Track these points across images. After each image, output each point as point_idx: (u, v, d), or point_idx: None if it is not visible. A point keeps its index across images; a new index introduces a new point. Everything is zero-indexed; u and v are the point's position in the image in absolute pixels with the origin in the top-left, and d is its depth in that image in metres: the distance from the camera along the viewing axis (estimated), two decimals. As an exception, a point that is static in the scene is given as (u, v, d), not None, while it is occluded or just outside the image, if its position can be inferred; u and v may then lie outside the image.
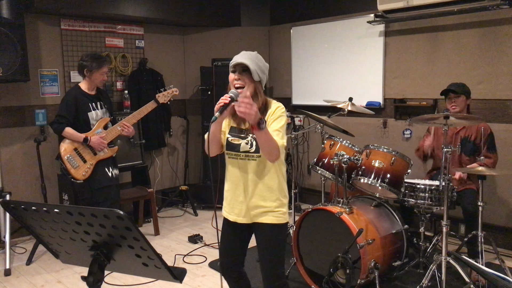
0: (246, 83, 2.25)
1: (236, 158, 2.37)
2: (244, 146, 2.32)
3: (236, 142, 2.35)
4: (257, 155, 2.31)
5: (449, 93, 3.68)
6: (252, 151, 2.31)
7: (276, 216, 2.35)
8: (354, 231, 3.04)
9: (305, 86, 5.62)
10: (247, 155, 2.33)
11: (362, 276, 3.06)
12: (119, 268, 1.62)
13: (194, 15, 5.52)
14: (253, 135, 2.29)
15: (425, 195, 3.36)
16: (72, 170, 3.64)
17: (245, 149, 2.32)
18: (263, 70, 2.31)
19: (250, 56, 2.27)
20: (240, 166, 2.37)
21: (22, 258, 4.07)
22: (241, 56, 2.28)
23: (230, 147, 2.37)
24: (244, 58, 2.25)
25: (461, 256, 2.13)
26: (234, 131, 2.38)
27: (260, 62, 2.29)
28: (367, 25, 4.84)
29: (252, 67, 2.22)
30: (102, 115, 3.81)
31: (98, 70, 3.68)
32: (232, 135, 2.37)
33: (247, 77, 2.25)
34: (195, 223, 5.10)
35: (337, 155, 3.37)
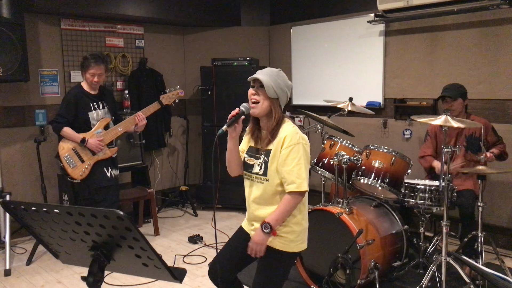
0: (261, 99, 2.21)
1: (249, 179, 2.34)
2: (256, 167, 2.28)
3: (250, 163, 2.31)
4: (264, 178, 2.25)
5: (446, 97, 3.68)
6: (261, 174, 2.26)
7: (281, 242, 2.25)
8: (354, 232, 3.04)
9: (305, 86, 5.62)
10: (257, 177, 2.28)
11: (362, 276, 3.06)
12: (119, 268, 1.62)
13: (194, 15, 5.52)
14: (264, 157, 2.25)
15: (425, 195, 3.36)
16: (69, 169, 3.64)
17: (256, 171, 2.28)
18: (282, 88, 2.22)
19: (269, 73, 2.22)
20: (252, 187, 2.32)
21: (22, 258, 4.07)
22: (261, 71, 2.24)
23: (245, 167, 2.35)
24: (262, 74, 2.21)
25: (461, 256, 2.13)
26: (251, 150, 2.34)
27: (279, 79, 2.22)
28: (367, 25, 4.84)
29: (267, 83, 2.17)
30: (103, 115, 3.80)
31: (87, 70, 3.67)
32: (248, 155, 2.34)
33: (262, 93, 2.20)
34: (195, 224, 5.10)
35: (337, 156, 3.37)
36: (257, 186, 2.28)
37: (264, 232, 2.16)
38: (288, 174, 2.16)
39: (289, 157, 2.16)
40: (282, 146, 2.18)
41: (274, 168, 2.21)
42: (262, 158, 2.25)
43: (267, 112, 2.22)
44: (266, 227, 2.15)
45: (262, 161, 2.25)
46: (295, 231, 2.26)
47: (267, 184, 2.24)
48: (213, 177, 2.25)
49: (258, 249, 2.20)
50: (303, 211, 2.30)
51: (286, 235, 2.24)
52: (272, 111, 2.22)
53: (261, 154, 2.26)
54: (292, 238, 2.25)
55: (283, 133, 2.22)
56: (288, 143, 2.17)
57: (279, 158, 2.19)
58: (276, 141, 2.23)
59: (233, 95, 5.30)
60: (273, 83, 2.19)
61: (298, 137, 2.20)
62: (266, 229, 2.16)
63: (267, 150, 2.25)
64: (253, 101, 2.22)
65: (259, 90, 2.21)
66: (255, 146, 2.32)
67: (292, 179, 2.15)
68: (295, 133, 2.21)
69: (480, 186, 3.23)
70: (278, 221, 2.17)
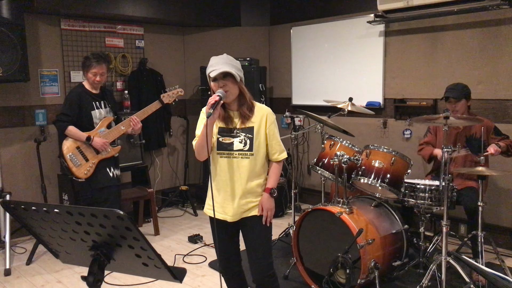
0: (231, 87, 2.35)
1: (229, 157, 2.42)
2: (238, 145, 2.40)
3: (228, 141, 2.42)
4: (250, 153, 2.40)
5: (449, 98, 3.66)
6: (246, 149, 2.40)
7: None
8: (354, 231, 3.04)
9: (305, 86, 5.62)
10: (240, 153, 2.41)
11: (362, 276, 3.06)
12: (119, 268, 1.62)
13: (194, 15, 5.52)
14: (246, 134, 2.40)
15: (425, 195, 3.36)
16: (74, 169, 3.64)
17: (239, 148, 2.40)
18: (239, 68, 2.41)
19: (224, 61, 2.36)
20: (232, 165, 2.42)
21: (22, 258, 4.07)
22: (217, 65, 2.36)
23: (222, 147, 2.43)
24: (223, 66, 2.33)
25: (461, 256, 2.13)
26: (223, 131, 2.45)
27: (233, 62, 2.41)
28: (367, 25, 4.84)
29: (233, 71, 2.32)
30: (105, 114, 3.81)
31: (88, 70, 3.68)
32: (222, 135, 2.44)
33: (230, 82, 2.35)
34: (195, 223, 5.10)
35: (337, 155, 3.37)
36: (241, 162, 2.41)
37: (273, 196, 2.45)
38: (278, 145, 2.47)
39: (275, 132, 2.47)
40: (267, 123, 2.42)
41: (258, 143, 2.41)
42: (244, 135, 2.40)
43: (238, 95, 2.41)
44: (274, 192, 2.45)
45: (244, 138, 2.40)
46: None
47: (252, 158, 2.41)
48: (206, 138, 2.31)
49: (271, 214, 2.45)
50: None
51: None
52: (242, 92, 2.41)
53: (239, 133, 2.40)
54: None
55: (263, 110, 2.45)
56: (270, 120, 2.44)
57: (268, 133, 2.43)
58: (256, 118, 2.42)
59: (233, 95, 5.29)
60: (235, 69, 2.36)
61: (273, 113, 2.50)
62: (274, 194, 2.45)
63: (247, 127, 2.40)
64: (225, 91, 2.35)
65: (224, 80, 2.35)
66: (226, 126, 2.45)
67: (282, 149, 2.49)
68: (270, 110, 2.50)
69: (480, 186, 3.23)
70: (275, 186, 2.48)
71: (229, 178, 2.44)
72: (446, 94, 3.64)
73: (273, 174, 2.48)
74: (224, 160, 2.43)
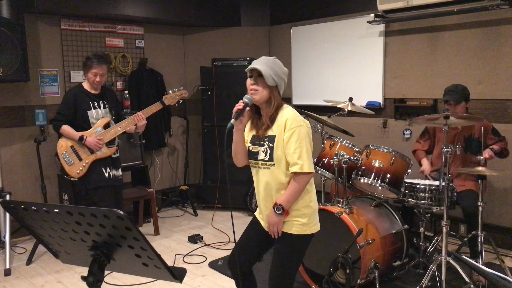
0: (260, 88, 2.26)
1: (255, 167, 2.39)
2: (261, 154, 2.33)
3: (255, 150, 2.36)
4: (270, 163, 2.30)
5: (449, 100, 3.65)
6: (266, 159, 2.31)
7: (296, 225, 2.32)
8: (354, 231, 3.04)
9: (305, 86, 5.62)
10: (263, 163, 2.34)
11: (362, 276, 3.06)
12: (119, 268, 1.62)
13: (194, 15, 5.52)
14: (268, 142, 2.30)
15: (425, 195, 3.36)
16: (67, 167, 3.64)
17: (261, 157, 2.33)
18: (279, 75, 2.29)
19: (265, 61, 2.28)
20: (260, 174, 2.37)
21: (22, 258, 4.07)
22: (257, 61, 2.29)
23: (251, 156, 2.39)
24: (259, 64, 2.26)
25: (461, 256, 2.13)
26: (254, 139, 2.39)
27: (276, 66, 2.29)
28: (367, 25, 4.84)
29: (265, 72, 2.23)
30: (103, 115, 3.79)
31: (89, 70, 3.66)
32: (252, 144, 2.38)
33: (262, 82, 2.26)
34: (195, 223, 5.10)
35: (337, 155, 3.37)
36: (264, 172, 2.33)
37: (277, 213, 2.26)
38: (291, 156, 2.24)
39: (291, 140, 2.23)
40: (285, 129, 2.25)
41: (280, 153, 2.27)
42: (266, 145, 2.30)
43: (266, 99, 2.29)
44: (278, 209, 2.26)
45: (267, 147, 2.30)
46: (306, 214, 2.33)
47: (274, 169, 2.30)
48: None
49: (274, 230, 2.30)
50: (310, 193, 2.38)
51: (298, 219, 2.32)
52: (271, 99, 2.28)
53: (264, 141, 2.31)
54: (304, 221, 2.32)
55: (284, 117, 2.28)
56: (289, 126, 2.24)
57: (284, 142, 2.26)
58: (276, 126, 2.29)
59: (233, 95, 5.30)
60: (271, 71, 2.25)
61: (299, 119, 2.27)
62: (278, 211, 2.26)
63: (269, 136, 2.31)
64: (252, 90, 2.27)
65: (257, 79, 2.26)
66: (257, 134, 2.37)
67: (294, 160, 2.23)
68: (296, 116, 2.28)
69: (480, 186, 3.23)
70: (288, 202, 2.26)
71: (258, 188, 2.40)
72: (446, 97, 3.62)
73: (287, 189, 2.27)
74: (253, 169, 2.41)
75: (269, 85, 2.25)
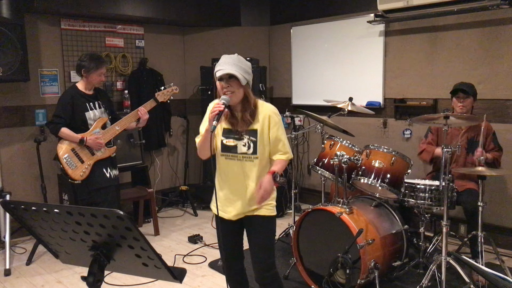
0: (235, 89, 2.31)
1: (234, 159, 2.42)
2: (241, 147, 2.39)
3: (231, 144, 2.41)
4: (254, 156, 2.39)
5: (459, 92, 3.66)
6: (250, 153, 2.39)
7: (267, 208, 2.47)
8: (354, 231, 3.04)
9: (305, 86, 5.62)
10: (244, 156, 2.40)
11: (362, 276, 3.06)
12: (119, 268, 1.62)
13: (194, 15, 5.52)
14: (249, 136, 2.38)
15: (425, 195, 3.36)
16: (70, 171, 3.63)
17: (243, 151, 2.39)
18: (248, 71, 2.36)
19: (233, 62, 2.31)
20: (237, 166, 2.42)
21: (22, 258, 4.07)
22: (224, 64, 2.31)
23: (226, 149, 2.43)
24: (229, 67, 2.29)
25: (461, 256, 2.13)
26: (228, 133, 2.43)
27: (243, 64, 2.34)
28: (367, 25, 4.84)
29: (238, 74, 2.27)
30: (100, 115, 3.79)
31: (96, 70, 3.66)
32: (226, 137, 2.43)
33: (235, 83, 2.31)
34: (195, 223, 5.10)
35: (337, 155, 3.37)
36: (243, 165, 2.41)
37: (275, 180, 2.37)
38: (282, 146, 2.42)
39: (279, 133, 2.41)
40: (270, 125, 2.39)
41: (263, 146, 2.39)
42: (247, 138, 2.39)
43: (243, 98, 2.36)
44: (276, 176, 2.37)
45: (248, 141, 2.39)
46: (274, 197, 2.52)
47: (257, 161, 2.40)
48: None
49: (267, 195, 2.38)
50: None
51: (271, 201, 2.49)
52: (247, 96, 2.37)
53: (243, 135, 2.39)
54: (274, 203, 2.52)
55: (265, 111, 2.40)
56: (274, 121, 2.40)
57: (271, 137, 2.40)
58: (260, 119, 2.39)
59: (233, 95, 5.29)
60: (242, 71, 2.30)
61: (277, 112, 2.45)
62: (276, 178, 2.38)
63: (250, 130, 2.38)
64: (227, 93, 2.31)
65: (229, 81, 2.31)
66: (233, 128, 2.42)
67: (286, 150, 2.44)
68: (274, 109, 2.44)
69: (480, 186, 3.23)
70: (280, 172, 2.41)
71: (234, 179, 2.44)
72: (458, 86, 3.65)
73: (277, 163, 2.42)
74: (229, 161, 2.43)
75: (243, 84, 2.32)
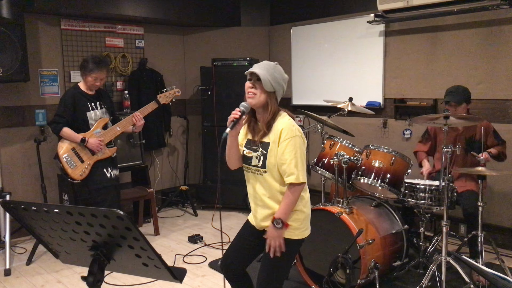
0: (258, 92, 2.25)
1: (248, 171, 2.39)
2: (254, 160, 2.33)
3: (249, 155, 2.36)
4: (263, 170, 2.30)
5: (450, 102, 3.64)
6: (259, 166, 2.31)
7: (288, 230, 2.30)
8: (354, 231, 3.04)
9: (305, 86, 5.62)
10: (256, 169, 2.33)
11: (362, 276, 3.06)
12: (119, 268, 1.62)
13: (194, 15, 5.52)
14: (262, 149, 2.30)
15: (425, 195, 3.36)
16: (69, 170, 3.64)
17: (255, 163, 2.33)
18: (279, 82, 2.28)
19: (266, 67, 2.27)
20: (253, 179, 2.37)
21: (22, 258, 4.07)
22: (258, 65, 2.29)
23: (245, 160, 2.39)
24: (259, 68, 2.25)
25: (461, 256, 2.13)
26: (249, 143, 2.38)
27: (276, 73, 2.28)
28: (367, 25, 4.84)
29: (264, 77, 2.22)
30: (101, 115, 3.80)
31: (91, 73, 3.66)
32: (247, 148, 2.38)
33: (260, 87, 2.24)
34: (195, 223, 5.10)
35: (337, 155, 3.37)
36: (257, 178, 2.34)
37: (277, 227, 2.23)
38: (287, 166, 2.22)
39: (287, 150, 2.22)
40: (280, 139, 2.24)
41: (272, 161, 2.27)
42: (260, 151, 2.30)
43: (263, 104, 2.28)
44: (278, 223, 2.23)
45: (260, 153, 2.30)
46: (299, 218, 2.32)
47: (266, 176, 2.30)
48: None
49: (276, 245, 2.25)
50: (304, 199, 2.36)
51: (291, 223, 2.29)
52: (268, 104, 2.27)
53: (258, 147, 2.31)
54: (296, 225, 2.31)
55: (280, 126, 2.27)
56: (284, 136, 2.23)
57: (278, 151, 2.25)
58: (272, 134, 2.28)
59: (233, 95, 5.30)
60: (270, 77, 2.24)
61: (295, 129, 2.26)
62: (278, 225, 2.23)
63: (263, 142, 2.30)
64: (249, 94, 2.27)
65: (256, 83, 2.26)
66: (252, 138, 2.36)
67: (291, 171, 2.22)
68: (292, 125, 2.27)
69: (480, 186, 3.23)
70: (286, 214, 2.25)
71: (252, 191, 2.41)
72: (447, 99, 3.60)
73: (283, 201, 2.25)
74: (247, 173, 2.41)
75: (267, 90, 2.24)
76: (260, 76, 2.21)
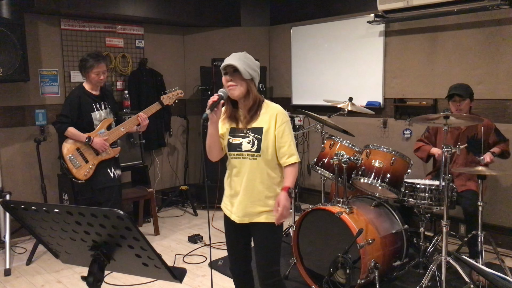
0: (238, 83, 2.32)
1: (239, 158, 2.41)
2: (246, 145, 2.38)
3: (236, 142, 2.41)
4: (257, 154, 2.37)
5: (455, 96, 3.65)
6: (253, 150, 2.37)
7: (271, 214, 2.40)
8: (354, 231, 3.04)
9: (305, 86, 5.62)
10: (248, 154, 2.38)
11: (362, 276, 3.06)
12: (119, 268, 1.62)
13: (194, 15, 5.52)
14: (254, 134, 2.37)
15: (425, 195, 3.36)
16: (74, 170, 3.64)
17: (247, 148, 2.38)
18: (253, 68, 2.36)
19: (238, 57, 2.34)
20: (243, 166, 2.40)
21: (22, 258, 4.07)
22: (230, 58, 2.35)
23: (232, 148, 2.42)
24: (233, 60, 2.32)
25: (461, 256, 2.13)
26: (233, 131, 2.44)
27: (248, 60, 2.36)
28: (367, 25, 4.84)
29: (241, 67, 2.29)
30: (105, 116, 3.80)
31: (92, 70, 3.66)
32: (232, 136, 2.43)
33: (239, 77, 2.32)
34: (195, 223, 5.10)
35: (337, 155, 3.37)
36: (249, 163, 2.39)
37: (290, 195, 2.35)
38: (287, 148, 2.37)
39: (285, 133, 2.37)
40: (276, 123, 2.36)
41: (267, 144, 2.36)
42: (252, 136, 2.38)
43: (245, 94, 2.37)
44: (291, 192, 2.35)
45: (253, 138, 2.37)
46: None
47: (260, 159, 2.37)
48: (207, 177, 2.30)
49: (286, 212, 2.34)
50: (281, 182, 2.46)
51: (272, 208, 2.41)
52: (249, 92, 2.36)
53: (248, 133, 2.39)
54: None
55: (273, 110, 2.38)
56: (281, 120, 2.37)
57: (276, 135, 2.36)
58: (267, 118, 2.37)
59: (233, 95, 5.29)
60: (245, 65, 2.32)
61: (286, 114, 2.43)
62: (292, 194, 2.36)
63: (254, 128, 2.38)
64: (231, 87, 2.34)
65: (233, 75, 2.32)
66: (237, 126, 2.44)
67: (291, 152, 2.37)
68: (283, 110, 2.42)
69: (480, 186, 3.23)
70: (293, 185, 2.39)
71: (240, 178, 2.43)
72: (452, 91, 3.62)
73: (289, 175, 2.37)
74: (235, 160, 2.43)
75: (246, 79, 2.32)
76: (237, 66, 2.28)
